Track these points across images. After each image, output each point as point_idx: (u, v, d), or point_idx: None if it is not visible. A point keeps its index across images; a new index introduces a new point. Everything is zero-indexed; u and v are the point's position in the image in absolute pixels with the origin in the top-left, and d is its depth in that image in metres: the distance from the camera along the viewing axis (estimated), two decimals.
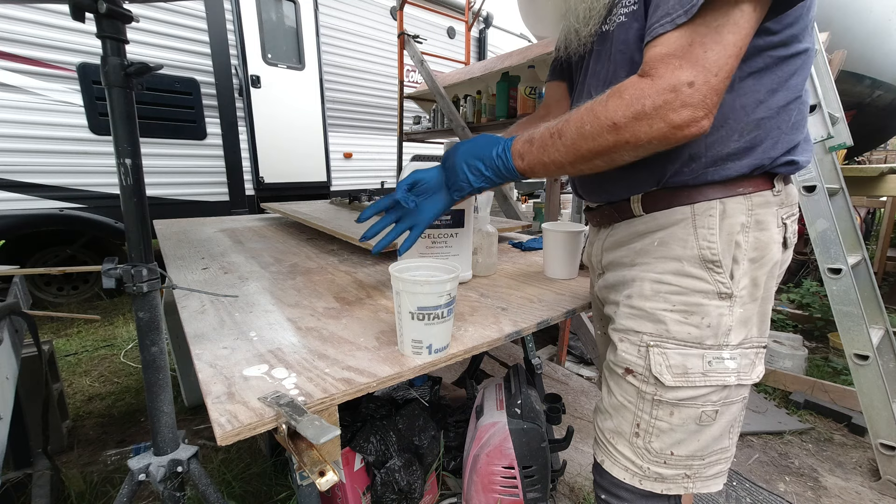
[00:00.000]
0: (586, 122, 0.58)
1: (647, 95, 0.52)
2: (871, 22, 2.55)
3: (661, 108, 0.52)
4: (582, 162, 0.61)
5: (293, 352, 0.70)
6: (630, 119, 0.54)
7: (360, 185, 4.67)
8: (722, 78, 0.51)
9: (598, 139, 0.57)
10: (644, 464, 0.67)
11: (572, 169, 0.63)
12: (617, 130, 0.55)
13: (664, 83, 0.52)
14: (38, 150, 2.80)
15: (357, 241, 1.28)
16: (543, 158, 0.64)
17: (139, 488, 0.77)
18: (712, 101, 0.52)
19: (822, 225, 1.59)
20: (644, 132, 0.54)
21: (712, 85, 0.51)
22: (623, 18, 0.62)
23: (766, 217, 0.63)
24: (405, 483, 1.10)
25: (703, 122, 0.52)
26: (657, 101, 0.52)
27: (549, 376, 2.28)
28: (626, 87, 0.55)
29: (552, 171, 0.66)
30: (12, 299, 1.25)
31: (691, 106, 0.51)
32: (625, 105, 0.54)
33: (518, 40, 6.00)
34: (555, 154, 0.62)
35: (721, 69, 0.51)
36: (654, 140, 0.54)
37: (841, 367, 2.29)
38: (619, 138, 0.55)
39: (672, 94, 0.51)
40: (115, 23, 0.61)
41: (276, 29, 3.83)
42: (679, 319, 0.64)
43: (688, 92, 0.51)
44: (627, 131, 0.54)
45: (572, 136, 0.60)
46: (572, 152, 0.60)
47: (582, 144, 0.59)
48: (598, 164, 0.61)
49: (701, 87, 0.51)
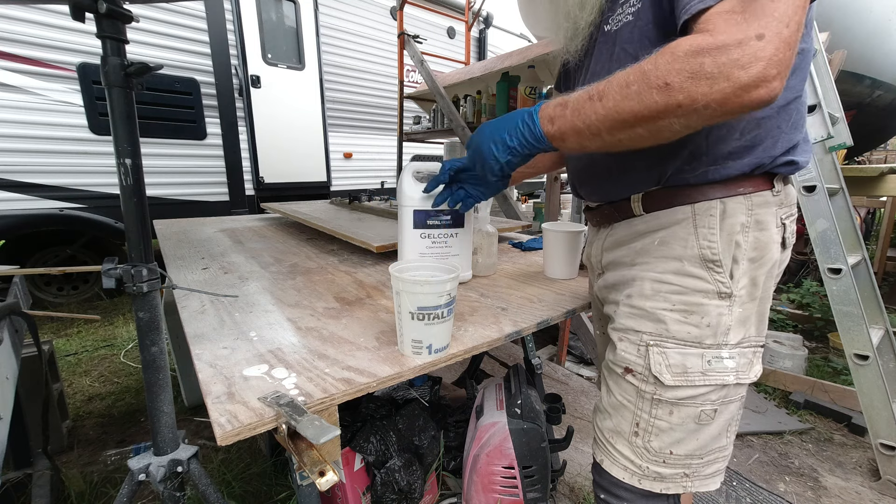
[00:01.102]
0: (633, 82, 0.51)
1: (706, 51, 0.46)
2: (871, 22, 2.55)
3: (726, 65, 0.45)
4: (622, 129, 0.54)
5: (293, 352, 0.70)
6: (686, 78, 0.47)
7: (360, 185, 4.67)
8: (793, 30, 0.45)
9: (645, 100, 0.50)
10: (643, 463, 0.67)
11: (609, 137, 0.56)
12: (669, 91, 0.48)
13: (728, 37, 0.45)
14: (39, 150, 2.80)
15: (357, 242, 1.29)
16: (577, 123, 0.58)
17: (139, 488, 0.77)
18: (785, 56, 0.45)
19: (822, 225, 1.59)
20: (702, 93, 0.47)
21: (784, 37, 0.44)
22: (630, 17, 0.61)
23: (765, 217, 0.63)
24: (405, 483, 1.10)
25: (774, 84, 0.45)
26: (719, 56, 0.45)
27: (549, 376, 2.28)
28: (678, 43, 0.49)
29: (585, 140, 0.59)
30: (12, 299, 1.25)
31: (763, 60, 0.44)
32: (680, 61, 0.47)
33: (518, 40, 6.00)
34: (592, 117, 0.56)
35: (791, 19, 0.45)
36: (713, 104, 0.47)
37: (841, 367, 2.29)
38: (669, 101, 0.49)
39: (738, 49, 0.44)
40: (115, 23, 0.61)
41: (276, 29, 3.82)
42: (679, 319, 0.64)
43: (758, 45, 0.44)
44: (681, 92, 0.47)
45: (614, 98, 0.53)
46: (612, 116, 0.54)
47: (624, 106, 0.52)
48: (641, 134, 0.54)
49: (773, 38, 0.44)
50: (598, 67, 0.69)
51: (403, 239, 1.00)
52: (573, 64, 0.77)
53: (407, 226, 0.98)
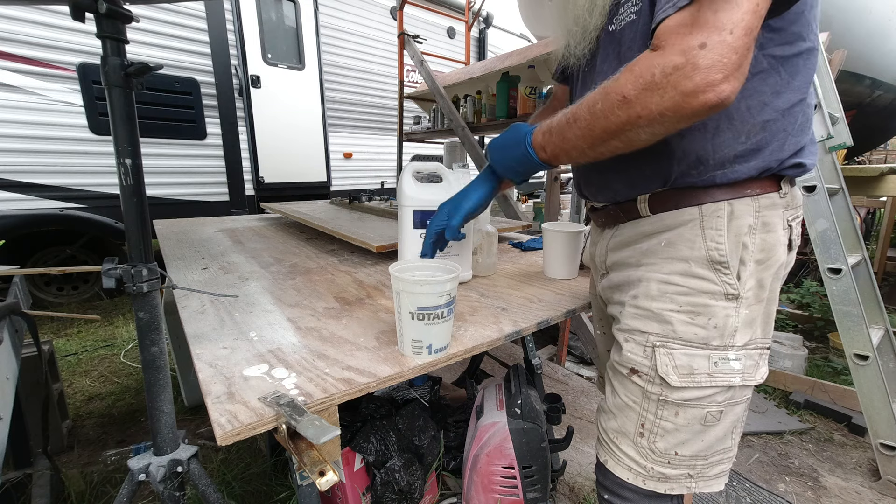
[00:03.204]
0: (598, 101, 0.56)
1: (655, 64, 0.50)
2: (871, 22, 2.55)
3: (671, 75, 0.48)
4: (599, 144, 0.58)
5: (293, 352, 0.70)
6: (640, 90, 0.51)
7: (360, 185, 4.68)
8: (739, 35, 0.46)
9: (610, 117, 0.54)
10: (648, 464, 0.67)
11: (593, 153, 0.61)
12: (628, 105, 0.52)
13: (672, 49, 0.49)
14: (39, 150, 2.80)
15: (357, 242, 1.29)
16: (563, 146, 0.63)
17: (139, 488, 0.77)
18: (730, 59, 0.46)
19: (822, 225, 1.59)
20: (655, 103, 0.50)
21: (728, 42, 0.46)
22: (633, 17, 0.61)
23: (772, 219, 0.63)
24: (405, 483, 1.10)
25: (721, 87, 0.47)
26: (666, 68, 0.48)
27: (549, 376, 2.28)
28: (636, 62, 0.53)
29: (575, 158, 0.64)
30: (12, 299, 1.25)
31: (704, 68, 0.47)
32: (634, 77, 0.51)
33: (518, 40, 6.00)
34: (573, 139, 0.61)
35: (736, 25, 0.46)
36: (668, 112, 0.50)
37: (841, 367, 2.29)
38: (630, 113, 0.52)
39: (681, 59, 0.47)
40: (115, 23, 0.61)
41: (276, 29, 3.82)
42: (685, 320, 0.64)
43: (700, 54, 0.47)
44: (638, 104, 0.51)
45: (586, 118, 0.58)
46: (588, 135, 0.58)
47: (595, 125, 0.57)
48: (616, 146, 0.58)
49: (715, 45, 0.46)
50: (606, 67, 0.68)
51: (403, 239, 1.00)
52: (577, 65, 0.77)
53: (407, 226, 0.98)
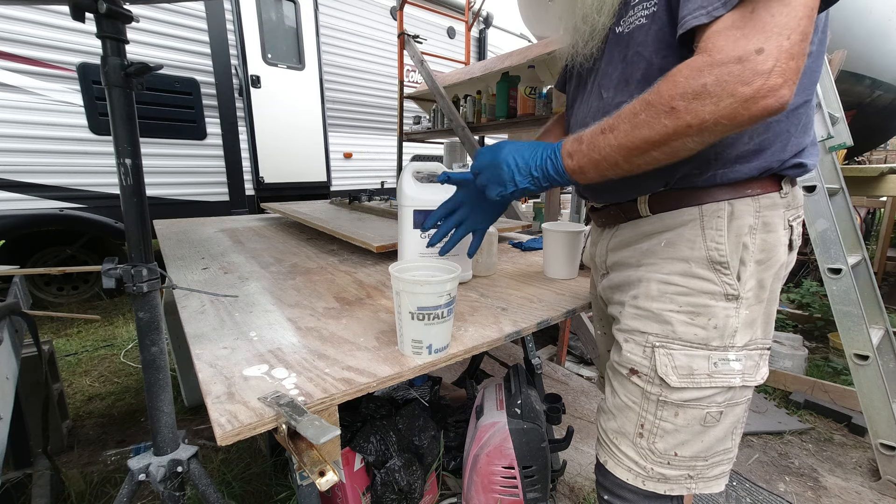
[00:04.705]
0: (639, 111, 0.53)
1: (706, 71, 0.47)
2: (871, 22, 2.54)
3: (728, 83, 0.46)
4: (638, 155, 0.55)
5: (293, 352, 0.70)
6: (690, 99, 0.48)
7: (360, 185, 4.67)
8: (796, 41, 0.45)
9: (655, 127, 0.51)
10: (648, 464, 0.67)
11: (628, 165, 0.57)
12: (675, 115, 0.49)
13: (726, 55, 0.46)
14: (38, 150, 2.80)
15: (357, 242, 1.29)
16: (594, 156, 0.59)
17: (139, 488, 0.77)
18: (789, 66, 0.45)
19: (822, 225, 1.59)
20: (709, 112, 0.47)
21: (785, 48, 0.45)
22: (643, 21, 0.60)
23: (773, 219, 0.62)
24: (405, 483, 1.10)
25: (782, 92, 0.46)
26: (721, 74, 0.46)
27: (549, 376, 2.28)
28: (680, 68, 0.50)
29: (605, 170, 0.60)
30: (12, 299, 1.25)
31: (764, 73, 0.45)
32: (682, 85, 0.49)
33: (518, 40, 6.00)
34: (607, 150, 0.57)
35: (793, 31, 0.45)
36: (723, 120, 0.48)
37: (841, 367, 2.29)
38: (678, 123, 0.50)
39: (738, 66, 0.45)
40: (115, 23, 0.61)
41: (276, 29, 3.82)
42: (685, 320, 0.64)
43: (758, 59, 0.45)
44: (688, 113, 0.49)
45: (625, 129, 0.55)
46: (626, 145, 0.55)
47: (636, 135, 0.54)
48: (657, 158, 0.55)
49: (773, 51, 0.45)
50: (611, 69, 0.67)
51: (403, 239, 1.00)
52: (581, 66, 0.76)
53: (407, 226, 0.98)
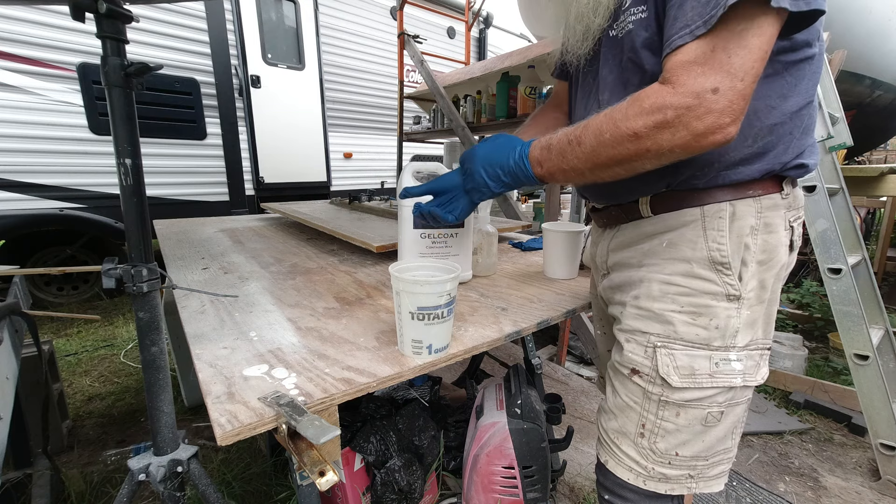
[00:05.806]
0: (605, 131, 0.57)
1: (668, 104, 0.51)
2: (871, 22, 2.54)
3: (684, 116, 0.51)
4: (601, 169, 0.60)
5: (293, 352, 0.70)
6: (651, 128, 0.53)
7: (360, 185, 4.67)
8: (748, 83, 0.50)
9: (619, 148, 0.56)
10: (649, 464, 0.67)
11: (592, 176, 0.62)
12: (638, 139, 0.54)
13: (686, 90, 0.50)
14: (38, 150, 2.80)
15: (357, 242, 1.28)
16: (562, 165, 0.63)
17: (139, 488, 0.77)
18: (738, 106, 0.50)
19: (822, 225, 1.59)
20: (666, 140, 0.52)
21: (738, 90, 0.50)
22: (631, 26, 0.61)
23: (774, 220, 0.63)
24: (405, 483, 1.10)
25: (729, 129, 0.51)
26: (679, 109, 0.51)
27: (549, 376, 2.28)
28: (646, 95, 0.54)
29: (572, 178, 0.64)
30: (12, 299, 1.25)
31: (716, 112, 0.50)
32: (645, 114, 0.53)
33: (518, 40, 6.00)
34: (574, 161, 0.61)
35: (747, 73, 0.49)
36: (677, 148, 0.53)
37: (841, 367, 2.29)
38: (639, 147, 0.54)
39: (695, 101, 0.50)
40: (115, 23, 0.61)
41: (276, 29, 3.82)
42: (687, 321, 0.64)
43: (712, 98, 0.49)
44: (649, 140, 0.53)
45: (591, 144, 0.59)
46: (591, 160, 0.59)
47: (601, 152, 0.58)
48: (619, 172, 0.59)
49: (726, 92, 0.49)
50: (606, 72, 0.68)
51: (403, 239, 1.00)
52: (578, 64, 0.76)
53: (407, 226, 0.98)
